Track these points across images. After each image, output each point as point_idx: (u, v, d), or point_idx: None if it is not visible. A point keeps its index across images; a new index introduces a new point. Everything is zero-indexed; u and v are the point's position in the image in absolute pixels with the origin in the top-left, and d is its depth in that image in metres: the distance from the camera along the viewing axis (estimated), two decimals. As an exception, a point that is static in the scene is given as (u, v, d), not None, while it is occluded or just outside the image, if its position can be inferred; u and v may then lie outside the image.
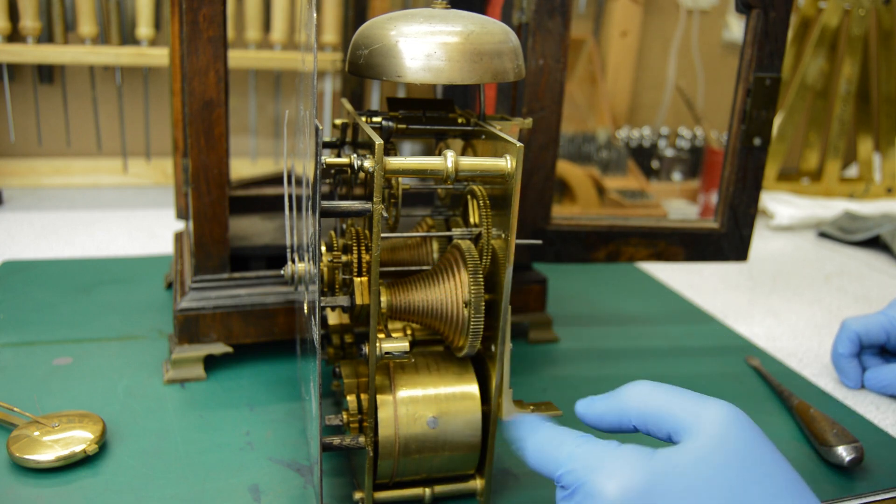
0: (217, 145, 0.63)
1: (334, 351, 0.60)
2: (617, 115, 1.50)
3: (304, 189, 0.51)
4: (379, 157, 0.43)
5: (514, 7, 0.68)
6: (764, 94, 0.71)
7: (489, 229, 0.49)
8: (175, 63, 0.76)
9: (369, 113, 0.54)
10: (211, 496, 0.51)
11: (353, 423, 0.49)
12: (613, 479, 0.37)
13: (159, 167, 1.28)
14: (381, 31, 0.47)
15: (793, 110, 1.34)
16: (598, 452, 0.39)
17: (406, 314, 0.50)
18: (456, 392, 0.50)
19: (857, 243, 1.19)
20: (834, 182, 1.40)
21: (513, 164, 0.45)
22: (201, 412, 0.62)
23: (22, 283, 0.84)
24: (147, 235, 1.03)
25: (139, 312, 0.79)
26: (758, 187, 0.73)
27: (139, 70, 1.25)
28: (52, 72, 1.22)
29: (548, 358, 0.75)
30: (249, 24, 1.21)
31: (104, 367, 0.68)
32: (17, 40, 1.15)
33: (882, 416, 0.67)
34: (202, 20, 0.60)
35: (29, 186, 1.22)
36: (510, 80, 0.49)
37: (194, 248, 0.65)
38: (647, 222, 0.75)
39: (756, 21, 0.68)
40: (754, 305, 0.92)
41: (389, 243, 0.59)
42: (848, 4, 1.32)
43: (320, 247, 0.48)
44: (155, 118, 1.27)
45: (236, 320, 0.66)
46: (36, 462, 0.52)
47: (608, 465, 0.38)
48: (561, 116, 0.70)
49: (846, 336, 0.71)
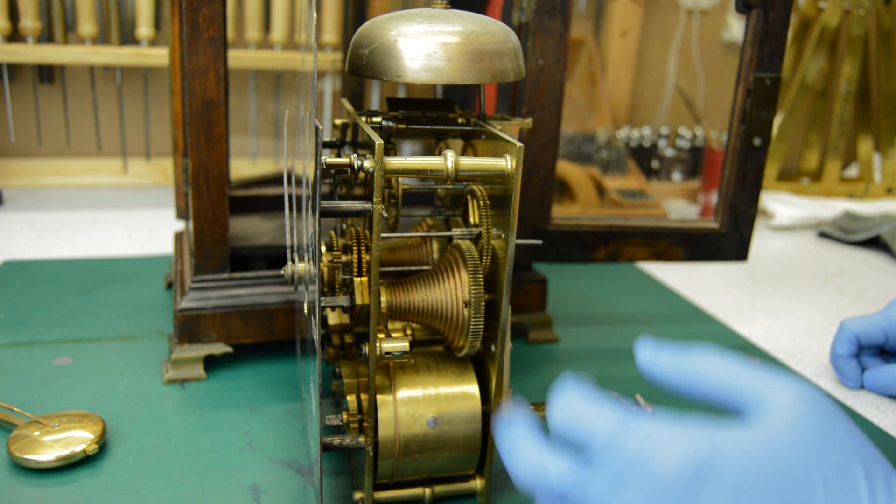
0: (217, 145, 0.63)
1: (334, 351, 0.60)
2: (617, 115, 1.50)
3: (304, 189, 0.51)
4: (379, 157, 0.43)
5: (514, 7, 0.68)
6: (764, 94, 0.71)
7: (489, 229, 0.49)
8: (175, 63, 0.76)
9: (369, 113, 0.54)
10: (211, 496, 0.51)
11: (353, 423, 0.49)
12: (669, 449, 0.32)
13: (159, 167, 1.28)
14: (381, 31, 0.47)
15: (793, 110, 1.34)
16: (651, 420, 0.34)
17: (406, 314, 0.50)
18: (456, 392, 0.50)
19: (857, 243, 1.19)
20: (834, 182, 1.40)
21: (513, 164, 0.45)
22: (201, 412, 0.62)
23: (22, 283, 0.84)
24: (147, 235, 1.03)
25: (139, 312, 0.79)
26: (758, 187, 0.73)
27: (139, 70, 1.25)
28: (52, 72, 1.22)
29: (548, 358, 0.75)
30: (249, 24, 1.21)
31: (104, 367, 0.68)
32: (17, 40, 1.15)
33: (882, 416, 0.67)
34: (202, 20, 0.60)
35: (29, 186, 1.22)
36: (510, 80, 0.49)
37: (194, 248, 0.65)
38: (647, 222, 0.75)
39: (756, 21, 0.68)
40: (754, 305, 0.92)
41: (389, 243, 0.59)
42: (848, 4, 1.32)
43: (320, 247, 0.48)
44: (155, 118, 1.27)
45: (236, 320, 0.66)
46: (36, 462, 0.52)
47: (665, 433, 0.33)
48: (561, 116, 0.70)
49: (845, 337, 0.71)
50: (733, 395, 0.36)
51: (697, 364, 0.37)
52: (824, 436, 0.34)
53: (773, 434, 0.33)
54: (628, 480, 0.32)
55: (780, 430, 0.34)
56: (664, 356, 0.38)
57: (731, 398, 0.36)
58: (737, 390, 0.36)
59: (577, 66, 1.45)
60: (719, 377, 0.36)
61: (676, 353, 0.38)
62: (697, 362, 0.37)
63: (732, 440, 0.33)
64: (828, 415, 0.35)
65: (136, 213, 1.12)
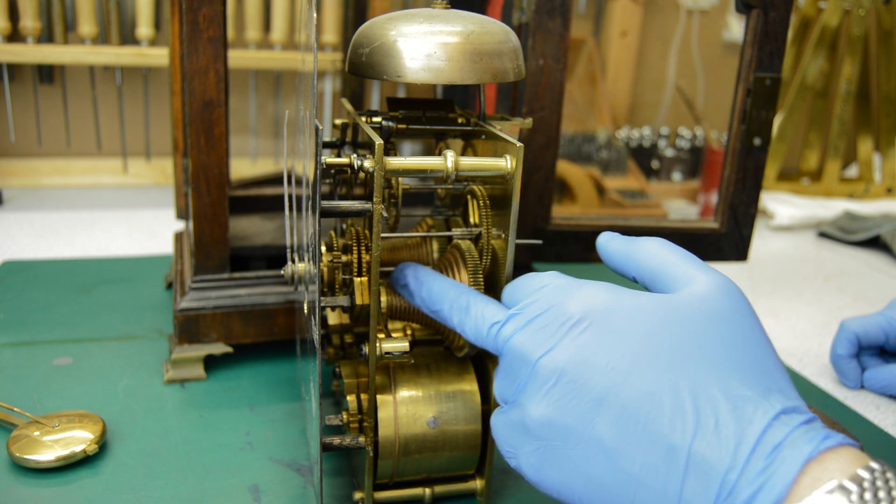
0: (217, 145, 0.63)
1: (334, 351, 0.60)
2: (617, 115, 1.50)
3: (304, 189, 0.51)
4: (379, 157, 0.43)
5: (514, 7, 0.68)
6: (764, 94, 0.71)
7: (489, 229, 0.49)
8: (175, 63, 0.76)
9: (369, 113, 0.54)
10: (211, 496, 0.51)
11: (353, 423, 0.49)
12: (578, 300, 0.38)
13: (159, 167, 1.28)
14: (381, 31, 0.47)
15: (793, 110, 1.34)
16: (573, 281, 0.40)
17: (406, 314, 0.50)
18: (456, 392, 0.50)
19: (857, 243, 1.19)
20: (834, 182, 1.40)
21: (513, 164, 0.45)
22: (201, 412, 0.62)
23: (22, 283, 0.84)
24: (147, 235, 1.03)
25: (139, 312, 0.79)
26: (758, 187, 0.73)
27: (139, 70, 1.25)
28: (52, 72, 1.22)
29: (548, 358, 0.75)
30: (249, 24, 1.21)
31: (104, 367, 0.68)
32: (17, 40, 1.15)
33: (882, 416, 0.67)
34: (202, 20, 0.60)
35: (29, 186, 1.22)
36: (510, 80, 0.49)
37: (194, 248, 0.65)
38: (647, 222, 0.75)
39: (756, 21, 0.68)
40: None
41: (389, 243, 0.59)
42: (848, 4, 1.32)
43: (320, 247, 0.48)
44: (155, 118, 1.27)
45: (236, 320, 0.66)
46: (36, 462, 0.52)
47: (579, 289, 0.39)
48: (561, 116, 0.70)
49: (845, 337, 0.71)
50: (665, 275, 0.40)
51: (641, 247, 0.42)
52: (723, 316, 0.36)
53: (675, 302, 0.37)
54: (540, 319, 0.39)
55: (684, 300, 0.37)
56: (615, 240, 0.44)
57: (662, 278, 0.40)
58: (668, 271, 0.40)
59: (577, 66, 1.45)
60: (653, 259, 0.41)
61: (626, 240, 0.44)
62: (639, 245, 0.42)
63: (635, 298, 0.37)
64: (734, 303, 0.37)
65: (136, 213, 1.12)
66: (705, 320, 0.36)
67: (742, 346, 0.35)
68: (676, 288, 0.38)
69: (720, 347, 0.35)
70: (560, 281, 0.41)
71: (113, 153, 1.28)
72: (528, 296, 0.41)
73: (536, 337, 0.38)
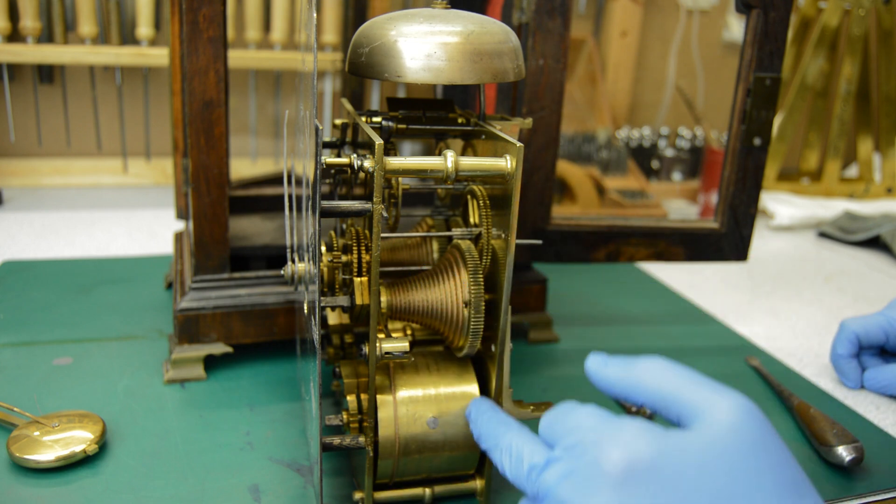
0: (217, 145, 0.63)
1: (334, 351, 0.60)
2: (617, 115, 1.50)
3: (304, 189, 0.51)
4: (379, 157, 0.43)
5: (514, 7, 0.68)
6: (764, 94, 0.71)
7: (489, 229, 0.49)
8: (175, 63, 0.76)
9: (369, 113, 0.54)
10: (211, 496, 0.51)
11: (353, 423, 0.49)
12: (619, 450, 0.36)
13: (159, 167, 1.28)
14: (381, 31, 0.47)
15: (793, 110, 1.34)
16: (609, 423, 0.37)
17: (406, 314, 0.50)
18: (456, 392, 0.50)
19: (857, 243, 1.19)
20: (834, 182, 1.40)
21: (513, 164, 0.45)
22: (201, 412, 0.62)
23: (22, 283, 0.84)
24: (147, 235, 1.03)
25: (139, 312, 0.79)
26: (758, 187, 0.73)
27: (139, 70, 1.25)
28: (52, 72, 1.22)
29: (548, 358, 0.75)
30: (249, 24, 1.21)
31: (104, 367, 0.68)
32: (17, 40, 1.15)
33: (882, 416, 0.67)
34: (202, 20, 0.60)
35: (29, 186, 1.22)
36: (510, 80, 0.49)
37: (194, 248, 0.65)
38: (647, 222, 0.75)
39: (756, 21, 0.68)
40: (754, 305, 0.92)
41: (389, 243, 0.59)
42: (848, 4, 1.32)
43: (320, 247, 0.48)
44: (155, 118, 1.27)
45: (236, 320, 0.66)
46: (36, 462, 0.52)
47: (616, 436, 0.36)
48: (561, 116, 0.70)
49: (845, 337, 0.71)
50: (678, 404, 0.38)
51: (640, 373, 0.40)
52: (759, 442, 0.36)
53: (712, 439, 0.36)
54: (582, 471, 0.36)
55: (718, 435, 0.36)
56: (610, 365, 0.41)
57: (671, 406, 0.38)
58: (677, 399, 0.38)
59: (577, 66, 1.45)
60: (661, 386, 0.39)
61: (622, 364, 0.41)
62: (641, 371, 0.40)
63: (672, 439, 0.36)
64: (761, 426, 0.37)
65: (136, 213, 1.12)
66: (747, 452, 0.36)
67: (781, 470, 0.36)
68: (697, 417, 0.37)
69: (767, 475, 0.35)
70: (596, 422, 0.38)
71: (113, 153, 1.28)
72: (566, 435, 0.39)
73: (579, 491, 0.36)
